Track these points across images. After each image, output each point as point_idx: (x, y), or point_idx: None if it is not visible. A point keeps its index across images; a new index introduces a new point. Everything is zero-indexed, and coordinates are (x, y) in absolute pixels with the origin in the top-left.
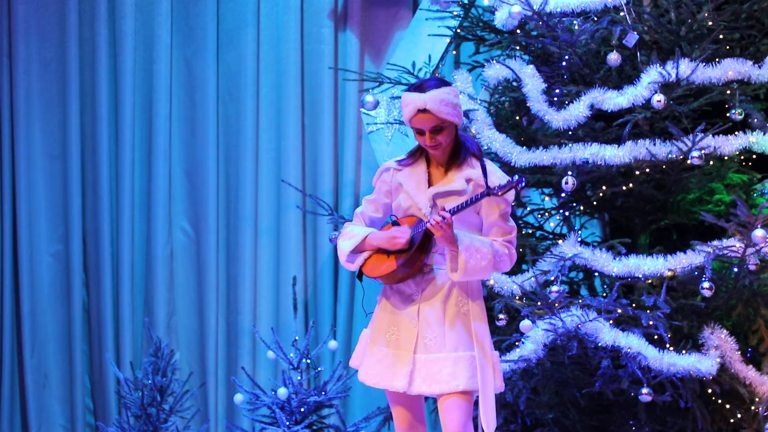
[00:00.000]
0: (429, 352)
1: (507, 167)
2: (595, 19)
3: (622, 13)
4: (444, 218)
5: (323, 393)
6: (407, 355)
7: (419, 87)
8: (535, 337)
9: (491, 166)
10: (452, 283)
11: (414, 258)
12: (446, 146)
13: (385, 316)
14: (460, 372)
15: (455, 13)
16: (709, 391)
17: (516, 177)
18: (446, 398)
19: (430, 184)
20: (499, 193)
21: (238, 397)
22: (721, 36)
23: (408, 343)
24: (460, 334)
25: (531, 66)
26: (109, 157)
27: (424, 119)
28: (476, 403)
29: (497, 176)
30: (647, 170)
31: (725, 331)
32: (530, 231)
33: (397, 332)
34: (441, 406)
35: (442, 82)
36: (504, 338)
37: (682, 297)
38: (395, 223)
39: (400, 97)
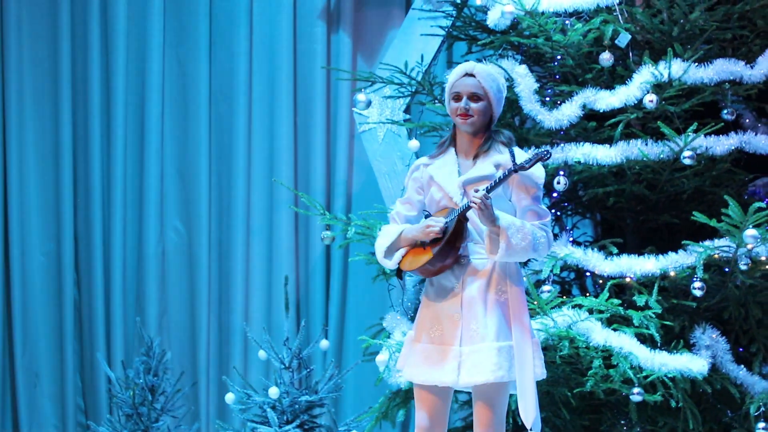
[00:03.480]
0: (473, 342)
1: None
2: (588, 19)
3: (614, 13)
4: (479, 197)
5: (315, 392)
6: (453, 349)
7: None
8: None
9: (519, 151)
10: (491, 271)
11: (449, 246)
12: (477, 124)
13: (428, 312)
14: (504, 362)
15: (447, 12)
16: (701, 391)
17: (543, 149)
18: (481, 393)
19: (460, 174)
20: (527, 167)
21: (230, 397)
22: (713, 36)
23: (452, 336)
24: (500, 323)
25: (523, 66)
26: (101, 156)
27: (467, 83)
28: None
29: (525, 157)
30: (639, 170)
31: (716, 331)
32: None
33: (441, 327)
34: (475, 401)
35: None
36: None
37: (674, 297)
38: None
39: (392, 97)
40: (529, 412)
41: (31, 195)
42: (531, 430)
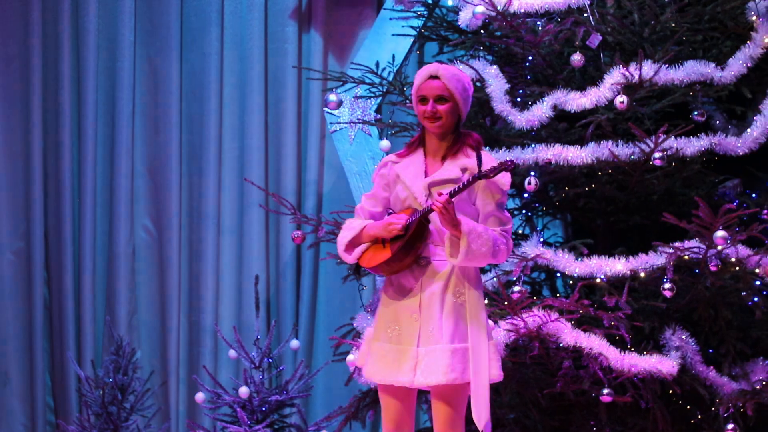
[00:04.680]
0: (429, 344)
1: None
2: (559, 19)
3: (585, 14)
4: (442, 199)
5: (285, 392)
6: (410, 350)
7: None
8: (496, 337)
9: (487, 156)
10: (450, 273)
11: (409, 246)
12: (446, 125)
13: (387, 311)
14: (457, 365)
15: (419, 13)
16: (670, 392)
17: (508, 159)
18: (439, 393)
19: (426, 174)
20: (491, 175)
21: (200, 396)
22: (684, 38)
23: (410, 337)
24: (457, 325)
25: (494, 66)
26: (72, 155)
27: (432, 85)
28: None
29: (493, 163)
30: (610, 171)
31: (686, 332)
32: None
33: (399, 327)
34: (433, 401)
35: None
36: None
37: (644, 298)
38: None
39: (363, 97)
40: (482, 415)
41: (1, 194)
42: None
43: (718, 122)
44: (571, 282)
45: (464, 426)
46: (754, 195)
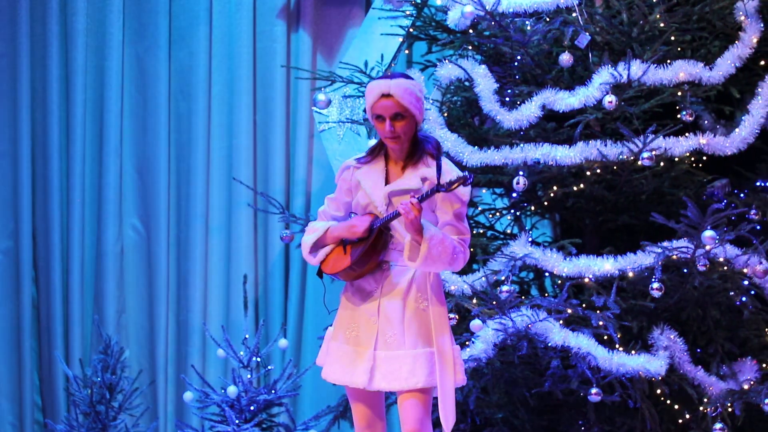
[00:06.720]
0: (389, 348)
1: (458, 167)
2: (548, 19)
3: (574, 14)
4: (412, 203)
5: (273, 391)
6: (367, 352)
7: (385, 76)
8: (485, 336)
9: (447, 165)
10: (412, 279)
11: (368, 255)
12: (405, 140)
13: (346, 313)
14: (419, 369)
15: (408, 12)
16: (658, 391)
17: (464, 173)
18: (405, 395)
19: (387, 182)
20: (447, 189)
21: (188, 395)
22: (672, 37)
23: (368, 339)
24: (419, 330)
25: (483, 66)
26: (60, 154)
27: (386, 104)
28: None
29: (452, 174)
30: (598, 171)
31: (674, 331)
32: (481, 231)
33: (357, 329)
34: (400, 404)
35: (408, 76)
36: (455, 338)
37: (632, 297)
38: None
39: (352, 96)
40: (449, 418)
41: None
42: None
43: (706, 122)
44: (559, 281)
45: (431, 427)
46: (742, 195)
